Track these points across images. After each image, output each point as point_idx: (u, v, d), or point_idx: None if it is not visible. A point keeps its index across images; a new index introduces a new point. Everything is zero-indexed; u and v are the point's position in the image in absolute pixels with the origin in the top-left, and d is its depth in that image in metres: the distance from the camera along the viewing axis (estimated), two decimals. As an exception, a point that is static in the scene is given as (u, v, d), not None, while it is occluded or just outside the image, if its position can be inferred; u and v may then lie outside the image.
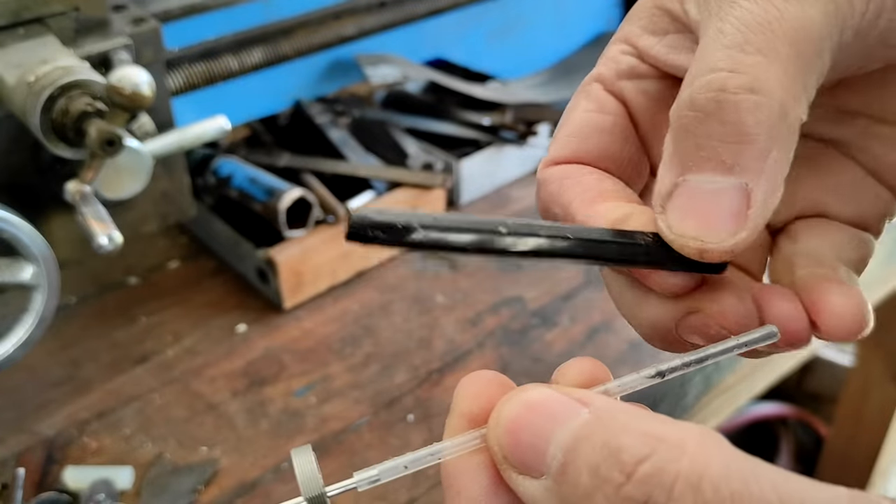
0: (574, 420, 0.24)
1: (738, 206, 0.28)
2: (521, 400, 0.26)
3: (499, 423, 0.26)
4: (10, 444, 0.78)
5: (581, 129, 0.36)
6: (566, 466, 0.23)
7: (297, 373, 0.86)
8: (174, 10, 0.83)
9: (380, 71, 1.02)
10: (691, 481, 0.21)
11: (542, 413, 0.25)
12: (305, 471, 0.28)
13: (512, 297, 0.95)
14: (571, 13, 1.31)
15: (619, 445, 0.22)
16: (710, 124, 0.28)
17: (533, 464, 0.24)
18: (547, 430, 0.24)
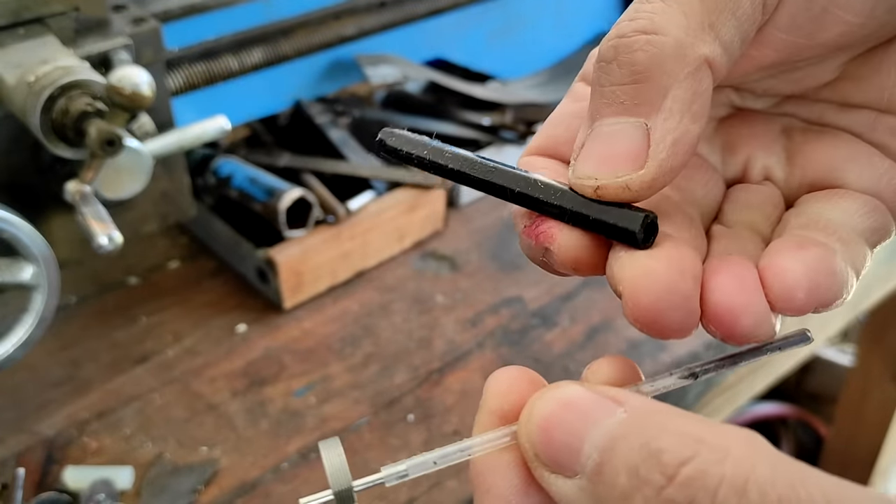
0: (609, 419, 0.24)
1: (635, 143, 0.28)
2: (555, 397, 0.25)
3: (531, 421, 0.25)
4: (10, 444, 0.78)
5: (556, 118, 0.37)
6: (602, 466, 0.23)
7: (297, 373, 0.86)
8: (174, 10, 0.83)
9: (380, 71, 1.02)
10: (736, 485, 0.20)
11: (576, 411, 0.24)
12: (335, 464, 0.27)
13: (512, 297, 0.95)
14: (571, 13, 1.31)
15: (660, 447, 0.22)
16: (611, 70, 0.29)
17: (566, 463, 0.24)
18: (581, 429, 0.24)
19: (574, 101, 0.37)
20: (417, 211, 1.01)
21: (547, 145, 0.36)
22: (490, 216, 1.09)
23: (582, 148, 0.30)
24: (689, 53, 0.28)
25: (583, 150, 0.30)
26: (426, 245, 1.03)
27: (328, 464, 0.27)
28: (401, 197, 1.00)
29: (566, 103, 0.37)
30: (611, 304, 0.93)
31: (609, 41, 0.29)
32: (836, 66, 0.34)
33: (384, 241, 1.00)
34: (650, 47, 0.28)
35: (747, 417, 1.88)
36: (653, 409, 0.24)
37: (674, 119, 0.28)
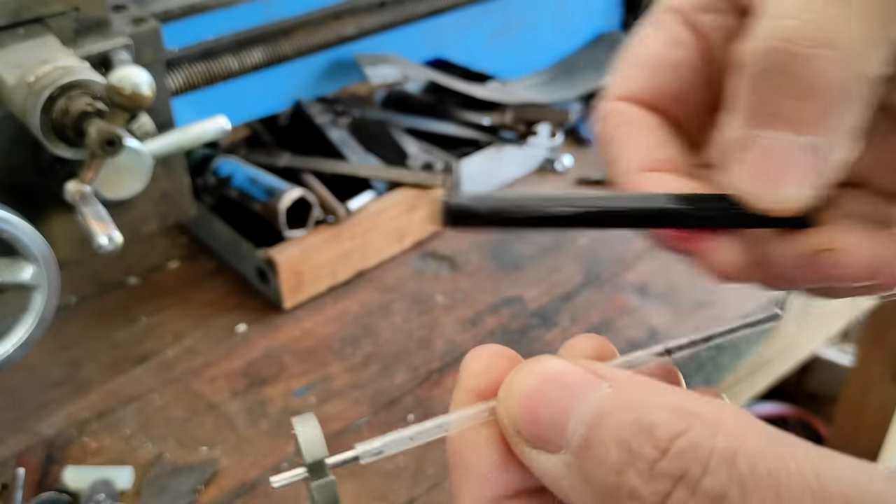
0: (594, 393, 0.23)
1: (804, 164, 0.27)
2: (536, 371, 0.25)
3: (510, 395, 0.25)
4: (10, 444, 0.78)
5: (654, 62, 0.33)
6: (590, 441, 0.23)
7: (297, 373, 0.86)
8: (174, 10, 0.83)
9: (380, 71, 1.02)
10: (727, 456, 0.21)
11: (558, 385, 0.24)
12: (309, 437, 0.27)
13: (512, 297, 0.95)
14: (571, 13, 1.31)
15: (653, 421, 0.22)
16: (779, 78, 0.26)
17: (550, 438, 0.24)
18: (565, 404, 0.24)
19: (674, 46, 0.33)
20: (417, 211, 1.01)
21: (644, 93, 0.33)
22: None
23: (739, 153, 0.28)
24: (865, 71, 0.26)
25: (747, 161, 0.28)
26: (426, 245, 1.03)
27: (302, 437, 0.27)
28: (401, 197, 1.00)
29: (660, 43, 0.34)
30: (610, 304, 0.93)
31: (777, 41, 0.26)
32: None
33: (384, 241, 1.00)
34: (830, 68, 0.26)
35: (747, 417, 1.88)
36: (638, 383, 0.24)
37: (843, 139, 0.27)
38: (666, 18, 0.34)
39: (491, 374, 0.28)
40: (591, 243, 1.03)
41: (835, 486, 0.20)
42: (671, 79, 0.33)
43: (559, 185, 1.15)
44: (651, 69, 0.33)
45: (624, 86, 0.34)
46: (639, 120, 0.33)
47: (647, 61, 0.34)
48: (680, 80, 0.33)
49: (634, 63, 0.34)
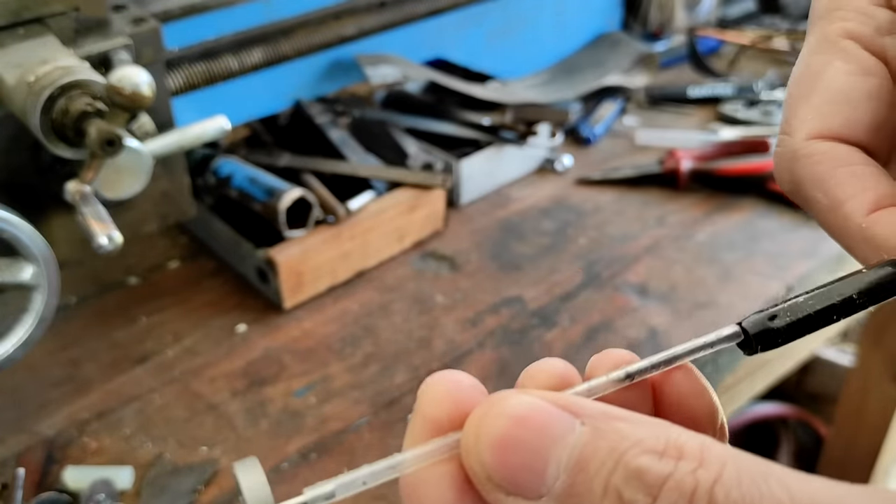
0: (570, 435, 0.23)
1: None
2: (505, 414, 0.23)
3: (480, 440, 0.24)
4: (10, 444, 0.78)
5: (847, 94, 0.32)
6: (574, 487, 0.22)
7: (297, 373, 0.86)
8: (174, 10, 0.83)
9: (380, 71, 1.02)
10: (706, 488, 0.21)
11: (531, 427, 0.23)
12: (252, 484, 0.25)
13: (512, 297, 0.95)
14: (571, 13, 1.31)
15: (639, 466, 0.22)
16: None
17: (528, 485, 0.23)
18: (542, 448, 0.23)
19: (864, 74, 0.32)
20: (417, 211, 1.01)
21: (841, 130, 0.32)
22: (490, 216, 1.09)
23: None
24: None
25: None
26: (426, 245, 1.03)
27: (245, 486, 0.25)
28: (401, 197, 1.00)
29: (849, 73, 0.32)
30: (610, 304, 0.93)
31: None
32: None
33: (384, 241, 1.00)
34: None
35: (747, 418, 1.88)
36: (612, 417, 0.23)
37: None
38: (846, 46, 0.33)
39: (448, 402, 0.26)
40: (591, 243, 1.03)
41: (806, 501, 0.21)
42: (869, 110, 0.32)
43: (559, 184, 1.15)
44: (849, 103, 0.32)
45: (823, 122, 0.32)
46: (852, 158, 0.32)
47: (842, 95, 0.32)
48: (877, 109, 0.32)
49: (826, 99, 0.32)
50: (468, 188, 1.09)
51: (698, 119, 1.28)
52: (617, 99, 1.30)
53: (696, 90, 1.31)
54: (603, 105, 1.28)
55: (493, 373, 0.86)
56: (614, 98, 1.29)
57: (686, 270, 0.99)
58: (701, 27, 1.43)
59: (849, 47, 0.32)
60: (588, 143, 1.22)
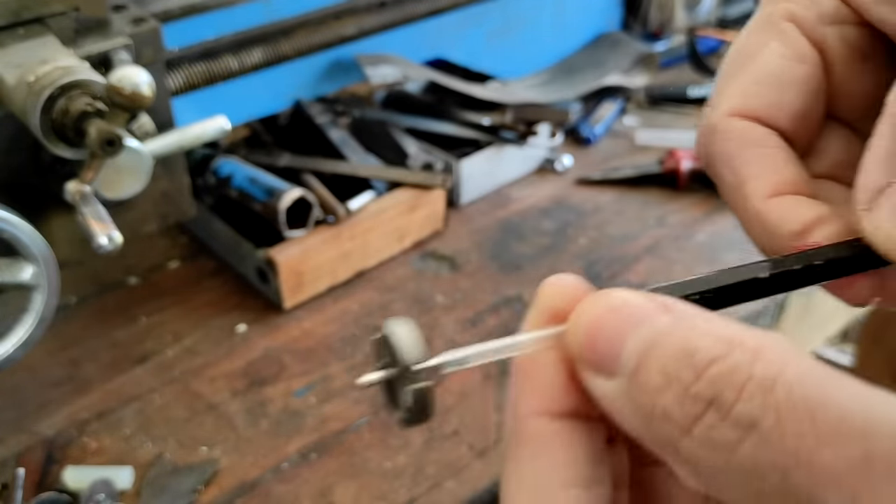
0: (652, 324, 0.24)
1: None
2: (602, 302, 0.25)
3: (578, 323, 0.26)
4: (10, 444, 0.78)
5: (777, 77, 0.32)
6: (639, 367, 0.23)
7: (297, 373, 0.86)
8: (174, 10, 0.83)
9: (380, 71, 1.02)
10: (764, 384, 0.21)
11: (621, 316, 0.25)
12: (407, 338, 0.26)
13: (512, 297, 0.95)
14: (571, 13, 1.31)
15: (694, 347, 0.22)
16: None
17: (608, 364, 0.24)
18: (623, 333, 0.24)
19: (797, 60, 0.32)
20: (417, 211, 1.01)
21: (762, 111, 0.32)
22: (490, 216, 1.09)
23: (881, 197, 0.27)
24: None
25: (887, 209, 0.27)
26: (426, 245, 1.03)
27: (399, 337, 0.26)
28: (401, 197, 1.00)
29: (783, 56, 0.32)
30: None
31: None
32: None
33: (384, 241, 1.00)
34: None
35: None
36: (697, 315, 0.24)
37: None
38: (786, 29, 0.32)
39: (565, 297, 0.28)
40: (591, 243, 1.03)
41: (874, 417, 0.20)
42: (795, 96, 0.32)
43: (559, 184, 1.15)
44: (776, 86, 0.32)
45: (744, 101, 0.32)
46: (764, 140, 0.32)
47: (771, 77, 0.32)
48: (804, 97, 0.32)
49: (755, 77, 0.32)
50: (468, 188, 1.09)
51: (698, 119, 1.28)
52: (617, 99, 1.30)
53: (696, 90, 1.31)
54: (603, 105, 1.28)
55: (492, 373, 0.86)
56: (614, 98, 1.29)
57: (686, 270, 0.99)
58: (701, 27, 1.43)
59: (788, 30, 0.32)
60: (588, 143, 1.22)
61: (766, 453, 0.20)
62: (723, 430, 0.21)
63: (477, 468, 0.76)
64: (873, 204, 0.27)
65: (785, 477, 0.20)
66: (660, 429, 0.22)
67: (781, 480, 0.20)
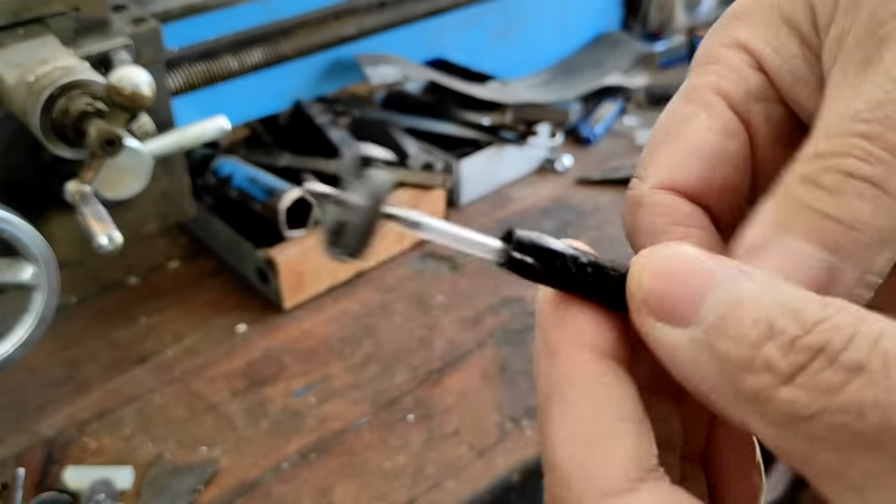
0: (736, 280, 0.24)
1: (817, 283, 0.25)
2: (678, 252, 0.25)
3: (645, 267, 0.25)
4: (10, 444, 0.78)
5: (705, 151, 0.31)
6: (726, 318, 0.23)
7: (297, 373, 0.86)
8: (174, 10, 0.83)
9: (380, 71, 1.02)
10: (871, 335, 0.21)
11: (699, 269, 0.24)
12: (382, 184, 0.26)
13: (512, 297, 0.95)
14: (571, 13, 1.31)
15: (799, 307, 0.22)
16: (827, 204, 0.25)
17: (681, 313, 0.24)
18: (705, 285, 0.24)
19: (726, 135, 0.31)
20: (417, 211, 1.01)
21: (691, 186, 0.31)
22: (490, 216, 1.09)
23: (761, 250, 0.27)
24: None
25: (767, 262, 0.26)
26: (426, 245, 1.03)
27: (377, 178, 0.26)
28: (401, 197, 1.00)
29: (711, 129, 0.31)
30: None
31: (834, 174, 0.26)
32: None
33: (384, 242, 1.00)
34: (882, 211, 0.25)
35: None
36: (780, 281, 0.24)
37: (871, 276, 0.26)
38: (714, 102, 0.32)
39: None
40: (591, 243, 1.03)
41: None
42: (724, 172, 0.31)
43: (559, 184, 1.15)
44: (706, 161, 0.31)
45: (673, 174, 0.31)
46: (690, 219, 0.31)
47: (701, 151, 0.31)
48: (732, 173, 0.31)
49: (683, 151, 0.31)
50: (468, 188, 1.09)
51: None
52: (617, 99, 1.30)
53: (696, 90, 1.31)
54: (603, 105, 1.28)
55: (493, 373, 0.86)
56: (614, 98, 1.29)
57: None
58: (701, 27, 1.43)
59: (716, 104, 0.32)
60: (588, 143, 1.22)
61: (871, 392, 0.21)
62: (829, 374, 0.21)
63: (477, 468, 0.76)
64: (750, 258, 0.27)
65: (885, 414, 0.20)
66: (752, 380, 0.22)
67: (881, 418, 0.20)
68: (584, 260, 0.27)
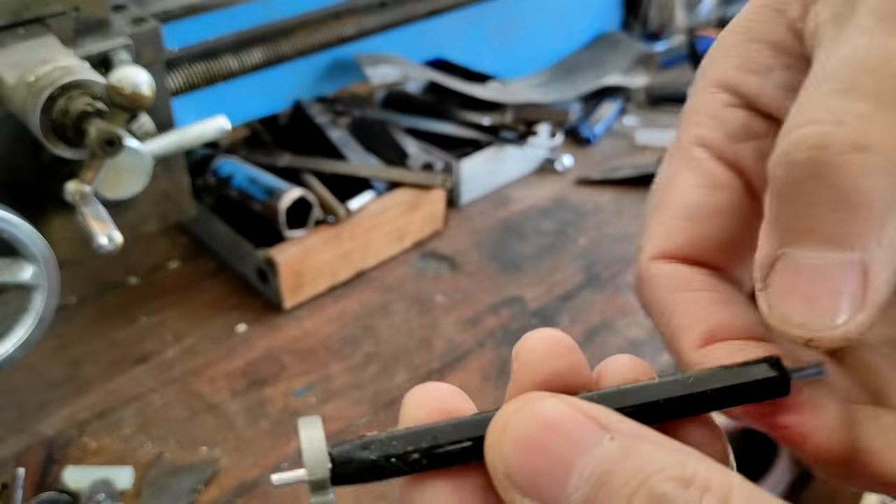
0: (597, 449, 0.23)
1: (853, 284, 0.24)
2: (536, 416, 0.23)
3: (505, 437, 0.24)
4: (10, 444, 0.78)
5: (694, 211, 0.30)
6: (594, 501, 0.22)
7: (297, 373, 0.86)
8: (174, 10, 0.83)
9: (380, 71, 1.02)
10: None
11: (559, 435, 0.23)
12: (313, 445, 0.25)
13: (512, 297, 0.95)
14: (571, 13, 1.31)
15: (664, 493, 0.21)
16: (811, 189, 0.24)
17: (548, 490, 0.23)
18: (567, 456, 0.23)
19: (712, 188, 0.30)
20: (417, 211, 1.01)
21: (687, 249, 0.30)
22: (490, 216, 1.09)
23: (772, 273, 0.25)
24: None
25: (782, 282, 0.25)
26: (426, 245, 1.03)
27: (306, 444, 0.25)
28: (401, 197, 1.00)
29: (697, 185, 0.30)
30: (610, 304, 0.93)
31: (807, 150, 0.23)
32: None
33: (384, 241, 1.00)
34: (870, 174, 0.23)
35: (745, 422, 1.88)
36: (641, 437, 0.23)
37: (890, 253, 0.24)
38: (697, 155, 0.30)
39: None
40: (591, 243, 1.03)
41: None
42: (716, 227, 0.30)
43: (559, 184, 1.15)
44: (695, 220, 0.30)
45: (664, 242, 0.30)
46: (689, 283, 0.30)
47: (686, 210, 0.30)
48: (725, 225, 0.30)
49: (674, 214, 0.30)
50: (468, 188, 1.09)
51: None
52: (617, 99, 1.30)
53: (696, 90, 1.31)
54: (603, 105, 1.28)
55: (492, 373, 0.86)
56: (614, 98, 1.29)
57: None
58: (701, 27, 1.43)
59: (699, 156, 0.30)
60: (588, 143, 1.22)
61: None
62: None
63: (477, 468, 0.76)
64: (766, 281, 0.26)
65: None
66: None
67: None
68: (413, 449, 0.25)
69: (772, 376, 0.26)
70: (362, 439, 0.25)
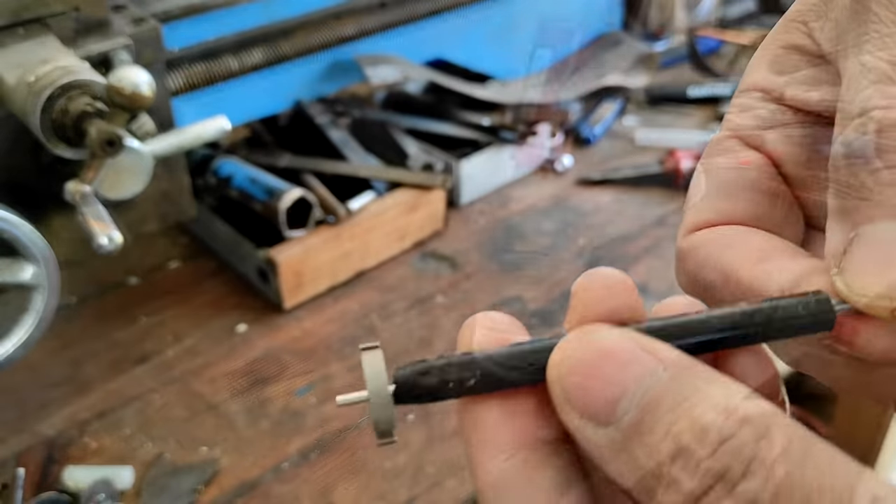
0: (650, 377, 0.24)
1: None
2: (593, 344, 0.25)
3: (564, 364, 0.25)
4: (10, 444, 0.78)
5: (724, 188, 0.32)
6: (640, 424, 0.23)
7: (298, 373, 0.86)
8: (174, 10, 0.83)
9: (380, 71, 1.02)
10: (766, 462, 0.22)
11: (614, 361, 0.24)
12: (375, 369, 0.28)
13: (512, 297, 0.95)
14: (571, 13, 1.31)
15: (706, 424, 0.23)
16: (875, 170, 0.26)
17: (600, 412, 0.24)
18: (619, 381, 0.24)
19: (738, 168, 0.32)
20: (417, 211, 1.01)
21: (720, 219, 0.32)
22: (490, 216, 1.09)
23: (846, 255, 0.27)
24: None
25: (857, 260, 0.26)
26: (426, 245, 1.03)
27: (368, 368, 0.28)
28: (401, 197, 1.00)
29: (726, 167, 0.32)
30: (611, 304, 0.93)
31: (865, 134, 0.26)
32: None
33: (384, 242, 1.00)
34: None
35: (747, 417, 1.88)
36: (692, 371, 0.24)
37: None
38: (727, 144, 0.33)
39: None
40: (591, 243, 1.03)
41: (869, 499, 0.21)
42: (746, 198, 0.32)
43: (559, 184, 1.15)
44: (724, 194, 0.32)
45: (698, 217, 0.32)
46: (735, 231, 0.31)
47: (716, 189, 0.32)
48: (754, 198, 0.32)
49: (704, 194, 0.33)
50: (468, 188, 1.09)
51: (698, 119, 1.28)
52: (617, 99, 1.30)
53: (695, 90, 1.31)
54: (603, 105, 1.28)
55: (493, 373, 0.86)
56: (614, 98, 1.29)
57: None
58: (701, 27, 1.43)
59: (729, 145, 0.33)
60: (588, 143, 1.22)
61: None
62: None
63: (477, 468, 0.76)
64: (841, 266, 0.27)
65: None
66: (662, 494, 0.23)
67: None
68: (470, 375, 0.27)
69: (819, 311, 0.27)
70: (421, 364, 0.28)
